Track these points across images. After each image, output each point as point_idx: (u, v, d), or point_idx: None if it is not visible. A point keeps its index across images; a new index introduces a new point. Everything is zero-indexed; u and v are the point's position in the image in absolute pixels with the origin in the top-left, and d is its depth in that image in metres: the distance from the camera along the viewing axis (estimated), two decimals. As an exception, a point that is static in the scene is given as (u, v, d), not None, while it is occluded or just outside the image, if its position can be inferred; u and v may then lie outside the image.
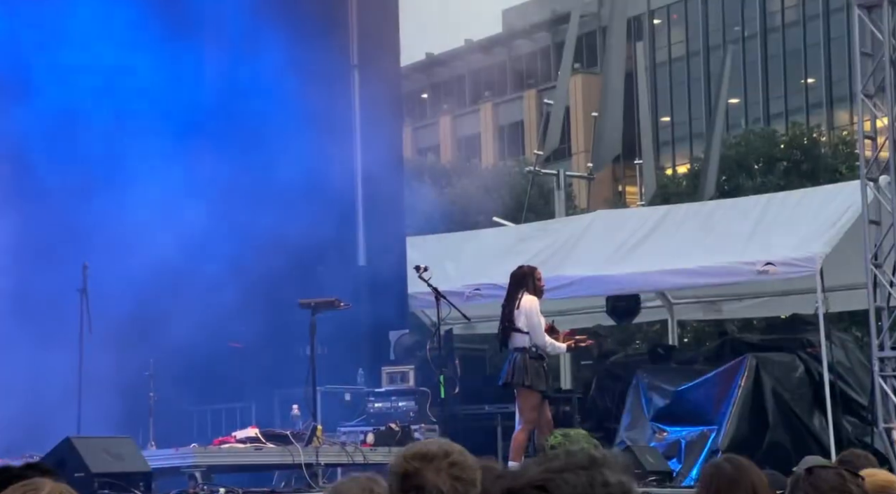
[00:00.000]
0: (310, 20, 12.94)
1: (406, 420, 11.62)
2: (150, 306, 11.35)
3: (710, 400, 12.02)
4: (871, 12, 11.71)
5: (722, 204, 14.83)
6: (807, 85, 43.66)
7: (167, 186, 11.73)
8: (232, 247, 11.90)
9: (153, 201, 11.63)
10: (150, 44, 11.98)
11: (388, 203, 14.07)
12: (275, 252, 12.07)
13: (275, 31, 12.51)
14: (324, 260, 12.63)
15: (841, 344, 12.71)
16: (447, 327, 12.94)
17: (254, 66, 12.74)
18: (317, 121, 12.86)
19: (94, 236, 11.05)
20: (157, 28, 12.01)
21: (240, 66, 12.76)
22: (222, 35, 12.70)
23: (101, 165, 11.60)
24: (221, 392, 12.20)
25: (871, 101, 11.79)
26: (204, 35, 12.58)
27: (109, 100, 11.77)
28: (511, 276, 10.88)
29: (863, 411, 12.13)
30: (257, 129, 12.66)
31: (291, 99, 12.63)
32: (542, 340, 10.61)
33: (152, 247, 11.25)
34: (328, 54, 13.29)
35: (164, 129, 12.03)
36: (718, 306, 15.69)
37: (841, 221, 12.20)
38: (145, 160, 11.83)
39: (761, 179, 30.60)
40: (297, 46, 12.51)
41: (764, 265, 12.06)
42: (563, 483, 2.13)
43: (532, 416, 10.63)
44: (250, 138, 12.68)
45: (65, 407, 10.11)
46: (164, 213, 11.54)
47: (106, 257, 10.83)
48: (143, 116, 12.00)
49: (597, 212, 15.87)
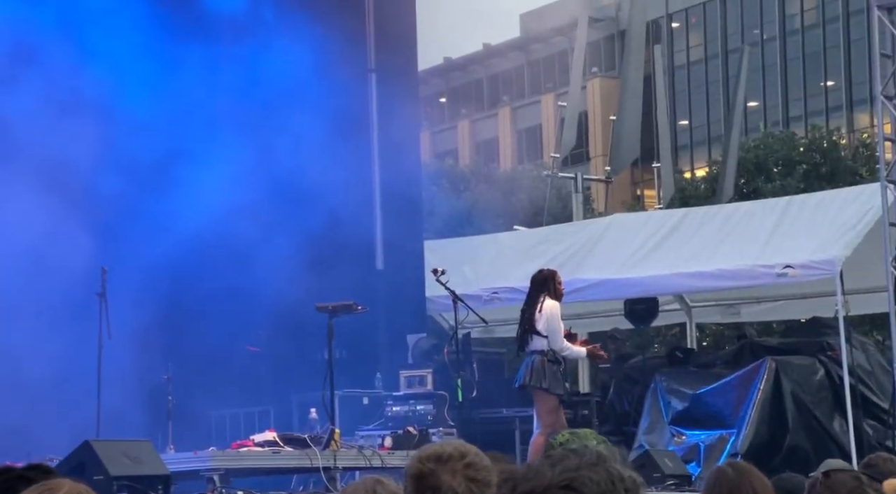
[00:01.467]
0: (327, 25, 12.96)
1: (424, 423, 11.61)
2: (169, 310, 11.38)
3: (729, 404, 11.96)
4: (892, 14, 11.66)
5: (740, 206, 14.78)
6: (826, 87, 43.49)
7: (182, 193, 11.76)
8: (250, 252, 11.92)
9: (169, 206, 11.66)
10: (165, 45, 12.01)
11: (406, 207, 14.08)
12: (292, 256, 12.08)
13: (292, 36, 12.53)
14: (342, 263, 12.64)
15: (861, 347, 12.64)
16: (465, 331, 12.93)
17: (270, 70, 12.76)
18: (334, 126, 12.86)
19: (111, 240, 11.08)
20: (172, 30, 12.04)
21: (256, 69, 12.79)
22: (239, 39, 12.73)
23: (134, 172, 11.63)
24: (240, 395, 12.21)
25: (892, 103, 11.73)
26: (221, 38, 12.61)
27: (128, 99, 11.78)
28: (532, 280, 10.86)
29: (884, 415, 12.06)
30: (274, 134, 12.68)
31: (309, 103, 12.66)
32: (561, 344, 10.60)
33: (171, 251, 11.28)
34: (346, 58, 13.30)
35: (181, 134, 12.05)
36: (737, 309, 15.63)
37: (861, 224, 12.13)
38: (165, 166, 11.87)
39: (780, 182, 30.48)
40: (314, 50, 12.53)
41: (783, 268, 12.01)
42: (588, 480, 2.12)
43: (550, 419, 10.61)
44: (267, 142, 12.70)
45: (84, 409, 10.14)
46: (181, 217, 11.56)
47: (126, 260, 10.86)
48: (163, 119, 12.03)
49: (614, 216, 15.84)
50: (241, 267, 11.90)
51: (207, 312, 11.31)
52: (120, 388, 10.37)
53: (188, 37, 12.10)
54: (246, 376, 12.11)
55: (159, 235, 11.45)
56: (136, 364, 10.80)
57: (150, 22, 12.02)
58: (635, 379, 13.65)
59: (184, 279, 11.41)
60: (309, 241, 12.20)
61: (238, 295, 11.74)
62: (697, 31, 47.47)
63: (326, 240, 12.40)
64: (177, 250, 11.33)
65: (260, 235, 12.14)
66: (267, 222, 12.29)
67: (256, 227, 12.19)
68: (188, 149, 12.02)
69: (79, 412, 10.19)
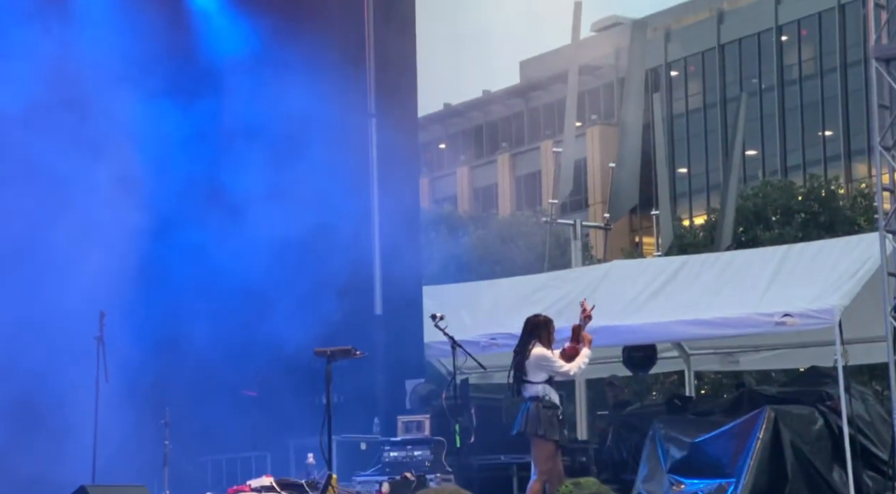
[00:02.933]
0: (327, 69, 13.05)
1: (422, 469, 11.56)
2: (166, 354, 11.36)
3: (727, 453, 11.90)
4: (889, 65, 11.74)
5: (739, 254, 14.78)
6: (824, 137, 43.67)
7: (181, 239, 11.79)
8: (248, 297, 11.93)
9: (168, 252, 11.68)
10: (167, 94, 12.07)
11: (405, 252, 14.09)
12: (291, 300, 12.09)
13: (292, 82, 12.61)
14: (340, 308, 12.64)
15: (860, 397, 12.60)
16: (463, 376, 12.89)
17: (271, 115, 12.83)
18: (334, 170, 12.92)
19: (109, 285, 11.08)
20: (174, 79, 12.12)
21: (257, 115, 12.86)
22: (241, 86, 12.81)
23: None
24: (237, 440, 12.17)
25: (890, 154, 11.78)
26: (223, 86, 12.69)
27: (133, 143, 11.85)
28: (526, 322, 10.82)
29: (883, 466, 11.99)
30: (274, 178, 12.73)
31: (309, 148, 12.72)
32: (567, 374, 10.52)
33: (167, 295, 11.28)
34: (346, 104, 13.38)
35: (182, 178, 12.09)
36: (735, 357, 15.59)
37: (860, 273, 12.13)
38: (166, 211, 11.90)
39: (779, 231, 30.53)
40: (314, 96, 12.60)
41: (782, 316, 11.99)
42: None
43: (546, 466, 10.55)
44: (267, 186, 12.75)
45: (80, 455, 10.09)
46: (178, 261, 11.58)
47: (123, 304, 10.86)
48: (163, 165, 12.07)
49: (613, 262, 15.84)
50: (239, 312, 11.91)
51: (205, 357, 11.31)
52: (117, 432, 10.34)
53: (188, 85, 12.18)
54: (243, 421, 12.08)
55: (158, 279, 11.45)
56: (133, 408, 10.77)
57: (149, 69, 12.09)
58: (633, 427, 13.59)
59: (182, 324, 11.40)
60: (307, 286, 12.22)
61: (236, 340, 11.74)
62: (696, 80, 47.74)
63: (325, 285, 12.42)
64: (175, 295, 11.34)
65: (258, 280, 12.15)
66: (265, 267, 12.31)
67: (255, 272, 12.21)
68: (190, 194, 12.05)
69: (74, 457, 10.14)
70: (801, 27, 44.49)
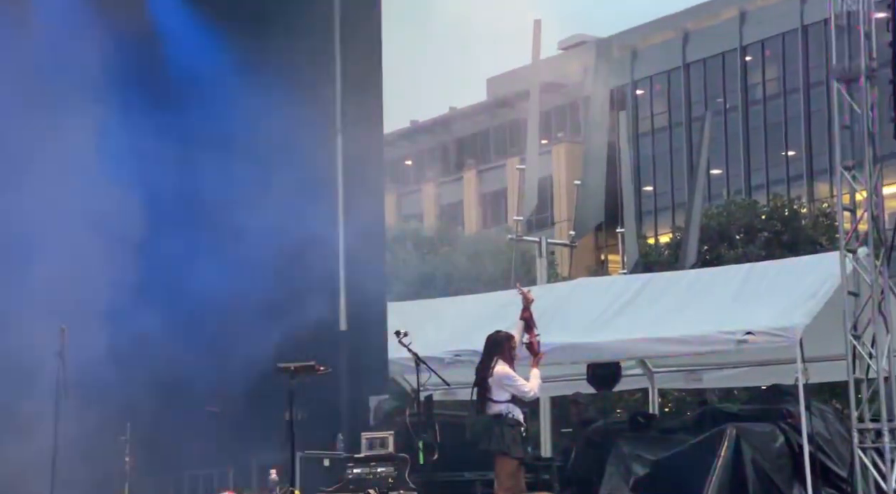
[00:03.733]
0: (293, 86, 13.06)
1: (385, 486, 11.52)
2: (127, 370, 11.30)
3: (690, 470, 11.95)
4: (850, 86, 11.86)
5: (703, 273, 14.87)
6: (787, 157, 44.05)
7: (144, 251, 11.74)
8: (212, 312, 11.89)
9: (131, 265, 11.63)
10: (130, 107, 12.03)
11: (370, 268, 14.09)
12: (255, 315, 12.06)
13: (258, 96, 12.60)
14: (304, 324, 12.61)
15: (821, 415, 12.69)
16: (427, 393, 12.89)
17: (236, 130, 12.81)
18: (300, 186, 12.91)
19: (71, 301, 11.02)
20: (137, 92, 12.08)
21: (222, 130, 12.83)
22: (206, 101, 12.78)
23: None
24: (199, 456, 12.11)
25: (850, 174, 11.90)
26: (188, 101, 12.67)
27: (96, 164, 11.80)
28: (487, 339, 10.83)
29: (842, 483, 12.08)
30: (239, 193, 12.70)
31: (274, 164, 12.71)
32: (527, 395, 10.53)
33: (130, 311, 11.22)
34: (312, 119, 13.39)
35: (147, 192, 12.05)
36: (699, 375, 15.66)
37: (821, 292, 12.24)
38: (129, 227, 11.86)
39: (742, 249, 30.75)
40: (280, 111, 12.60)
41: (744, 334, 12.07)
42: None
43: (509, 483, 10.55)
44: (232, 202, 12.72)
45: (39, 471, 10.01)
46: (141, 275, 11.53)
47: (83, 321, 10.80)
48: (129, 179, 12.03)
49: (578, 280, 15.91)
50: (201, 327, 11.86)
51: (166, 372, 11.25)
52: (76, 448, 10.26)
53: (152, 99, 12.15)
54: (205, 437, 12.01)
55: (120, 295, 11.40)
56: (93, 424, 10.70)
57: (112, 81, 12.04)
58: (597, 444, 13.62)
59: (144, 339, 11.34)
60: (271, 301, 12.19)
61: (199, 356, 11.68)
62: (662, 99, 48.06)
63: (289, 301, 12.39)
64: (137, 310, 11.29)
65: (222, 295, 12.11)
66: (229, 281, 12.27)
67: (219, 287, 12.17)
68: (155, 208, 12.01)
69: (34, 473, 10.06)
70: (764, 48, 44.91)
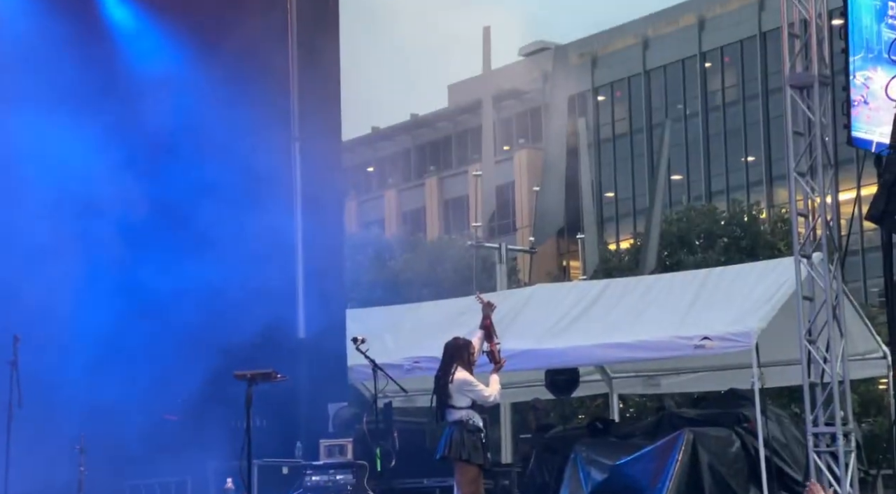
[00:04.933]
0: (250, 92, 13.01)
1: (343, 493, 11.51)
2: (82, 378, 11.21)
3: (647, 475, 12.01)
4: (804, 92, 11.97)
5: (660, 278, 14.94)
6: (747, 163, 44.37)
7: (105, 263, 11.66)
8: (168, 318, 11.82)
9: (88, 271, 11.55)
10: (76, 108, 11.91)
11: (330, 275, 14.06)
12: (212, 323, 12.00)
13: (214, 101, 12.53)
14: (263, 332, 12.56)
15: (776, 419, 12.79)
16: (386, 400, 12.88)
17: (189, 136, 12.73)
18: (257, 194, 12.87)
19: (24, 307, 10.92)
20: (84, 93, 11.97)
21: (175, 135, 12.75)
22: (157, 105, 12.69)
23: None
24: (157, 465, 12.03)
25: (804, 180, 12.01)
26: (139, 104, 12.58)
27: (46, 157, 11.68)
28: (445, 347, 10.80)
29: (798, 487, 12.17)
30: (194, 199, 12.64)
31: (231, 170, 12.65)
32: (487, 400, 10.53)
33: (85, 316, 11.14)
34: (270, 126, 13.35)
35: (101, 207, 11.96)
36: (657, 380, 15.74)
37: (776, 297, 12.34)
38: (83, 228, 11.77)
39: (702, 255, 30.91)
40: (236, 118, 12.55)
41: (701, 339, 12.14)
42: None
43: (470, 489, 10.54)
44: (191, 209, 12.66)
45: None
46: (97, 283, 11.45)
47: (37, 328, 10.71)
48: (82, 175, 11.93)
49: (536, 286, 15.92)
50: (158, 334, 11.78)
51: (123, 380, 11.17)
52: (30, 458, 10.17)
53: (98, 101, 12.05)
54: (163, 445, 11.94)
55: (74, 298, 11.31)
56: (48, 433, 10.61)
57: (57, 81, 11.92)
58: (555, 450, 13.65)
59: (97, 345, 11.26)
60: (230, 309, 12.13)
61: (155, 363, 11.61)
62: (622, 105, 48.29)
63: (247, 308, 12.33)
64: (93, 314, 11.21)
65: (180, 302, 12.04)
66: (187, 289, 12.21)
67: (177, 293, 12.10)
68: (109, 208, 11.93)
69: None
70: (723, 54, 45.23)
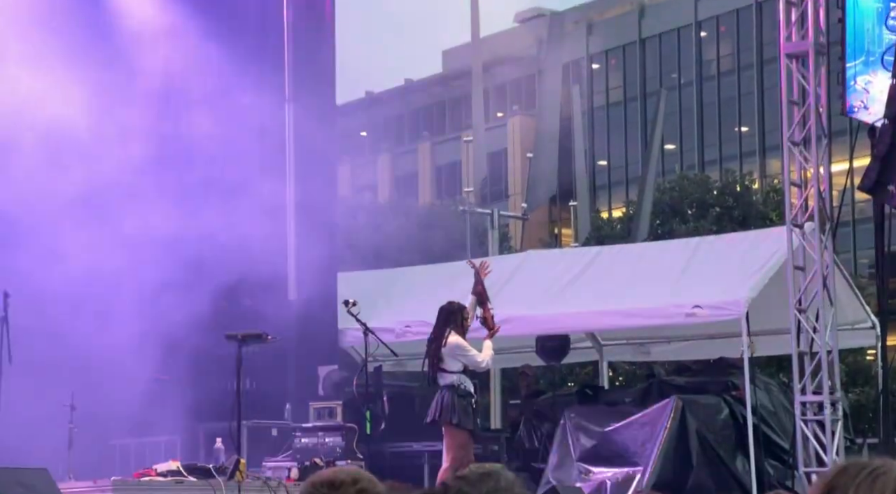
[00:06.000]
0: (242, 52, 12.93)
1: (332, 456, 11.54)
2: (73, 337, 11.20)
3: (636, 441, 12.07)
4: (799, 61, 11.95)
5: (652, 246, 14.99)
6: (740, 133, 44.35)
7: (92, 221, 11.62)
8: (159, 278, 11.80)
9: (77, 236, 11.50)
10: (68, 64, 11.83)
11: (322, 238, 14.03)
12: (204, 284, 11.98)
13: (205, 62, 12.45)
14: (254, 293, 12.55)
15: (765, 387, 12.85)
16: (377, 363, 12.89)
17: (181, 95, 12.65)
18: (248, 155, 12.82)
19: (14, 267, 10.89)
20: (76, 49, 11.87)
21: (167, 94, 12.68)
22: (150, 63, 12.61)
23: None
24: (147, 425, 12.05)
25: (798, 149, 12.00)
26: (132, 61, 12.50)
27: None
28: (440, 310, 10.79)
29: (785, 455, 12.25)
30: (185, 161, 12.59)
31: (222, 132, 12.59)
32: (480, 365, 10.58)
33: (75, 276, 11.12)
34: (263, 88, 13.28)
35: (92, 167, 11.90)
36: (647, 348, 15.78)
37: (767, 266, 12.37)
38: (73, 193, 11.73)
39: (694, 224, 30.96)
40: (228, 78, 12.48)
41: (692, 308, 12.17)
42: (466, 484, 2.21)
43: (458, 454, 10.58)
44: (182, 170, 12.61)
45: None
46: (88, 246, 11.41)
47: (26, 285, 10.69)
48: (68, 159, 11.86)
49: (528, 252, 15.93)
50: (150, 295, 11.77)
51: (114, 340, 11.16)
52: (20, 415, 10.18)
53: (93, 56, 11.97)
54: (154, 405, 11.96)
55: (63, 262, 11.28)
56: (37, 390, 10.61)
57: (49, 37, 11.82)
58: (545, 416, 13.70)
59: (90, 307, 11.25)
60: (221, 270, 12.11)
61: (147, 324, 11.60)
62: (617, 74, 48.15)
63: (239, 270, 12.32)
64: (83, 277, 11.18)
65: (171, 263, 12.01)
66: (177, 250, 12.17)
67: (167, 255, 12.07)
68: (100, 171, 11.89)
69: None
70: (719, 23, 45.10)
